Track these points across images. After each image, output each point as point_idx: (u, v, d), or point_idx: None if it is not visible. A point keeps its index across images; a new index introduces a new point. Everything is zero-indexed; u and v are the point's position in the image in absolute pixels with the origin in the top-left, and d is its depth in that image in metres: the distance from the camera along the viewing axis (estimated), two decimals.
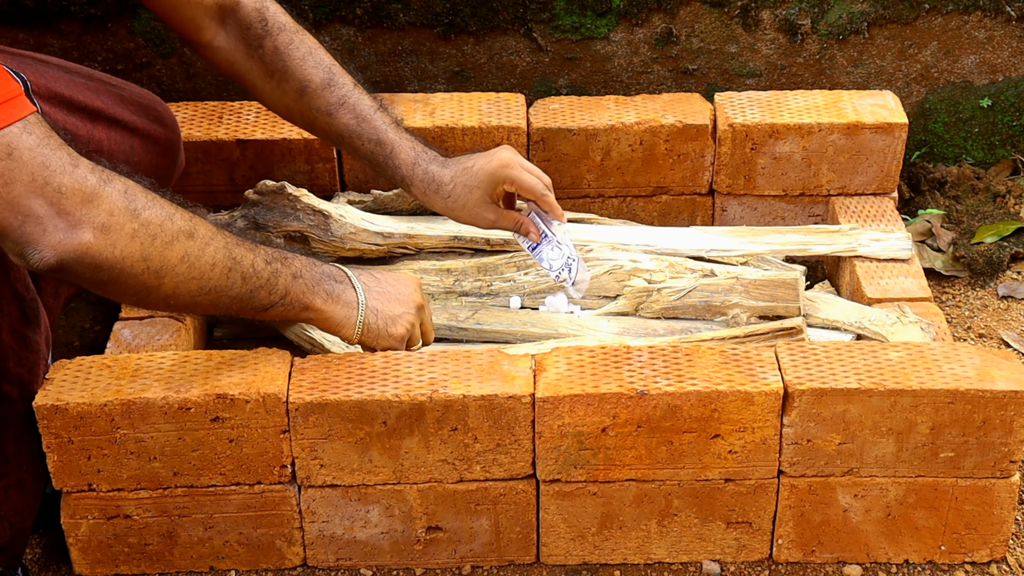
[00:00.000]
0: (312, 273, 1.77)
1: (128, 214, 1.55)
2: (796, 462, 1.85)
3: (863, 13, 2.58)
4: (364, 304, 1.81)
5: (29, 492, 1.83)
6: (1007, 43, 2.62)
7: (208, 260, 1.63)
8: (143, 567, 1.92)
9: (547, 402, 1.79)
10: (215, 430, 1.80)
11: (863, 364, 1.83)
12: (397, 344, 1.85)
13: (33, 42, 2.55)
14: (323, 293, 1.78)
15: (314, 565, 1.94)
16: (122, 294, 1.63)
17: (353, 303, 1.80)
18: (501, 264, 2.22)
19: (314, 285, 1.77)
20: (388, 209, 2.29)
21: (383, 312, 1.83)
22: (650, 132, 2.32)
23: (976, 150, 2.73)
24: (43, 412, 1.77)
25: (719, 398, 1.79)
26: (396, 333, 1.84)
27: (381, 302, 1.83)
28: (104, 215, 1.53)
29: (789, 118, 2.32)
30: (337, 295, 1.79)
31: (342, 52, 2.59)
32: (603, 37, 2.60)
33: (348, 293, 1.80)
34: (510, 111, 2.34)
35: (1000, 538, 1.92)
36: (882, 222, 2.31)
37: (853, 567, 1.94)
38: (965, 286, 2.50)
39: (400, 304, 1.85)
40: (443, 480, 1.86)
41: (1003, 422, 1.81)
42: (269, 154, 2.31)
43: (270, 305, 1.73)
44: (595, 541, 1.92)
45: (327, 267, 1.81)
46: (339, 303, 1.79)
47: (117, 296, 1.65)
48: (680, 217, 2.41)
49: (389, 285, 1.86)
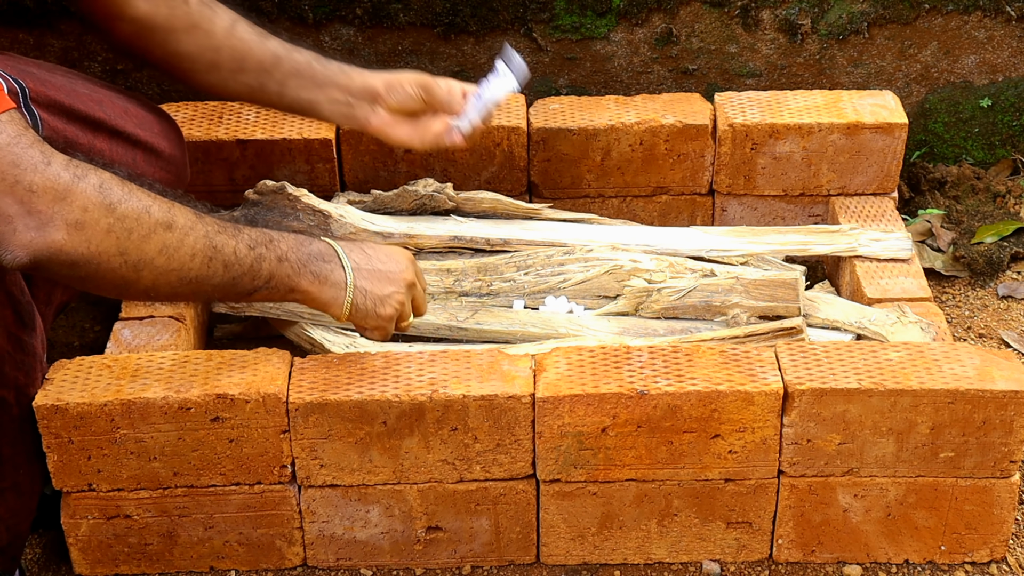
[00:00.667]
0: (299, 255, 1.74)
1: (103, 209, 1.53)
2: (796, 462, 1.85)
3: (863, 13, 2.58)
4: (352, 285, 1.78)
5: (25, 495, 1.83)
6: (1007, 43, 2.62)
7: (187, 251, 1.61)
8: (143, 567, 1.92)
9: (547, 402, 1.79)
10: (215, 430, 1.80)
11: (863, 364, 1.83)
12: (386, 324, 1.83)
13: (33, 42, 2.55)
14: (310, 275, 1.75)
15: (314, 565, 1.94)
16: (101, 288, 1.62)
17: (341, 283, 1.77)
18: (501, 264, 2.22)
19: (300, 267, 1.74)
20: (388, 209, 2.29)
21: (372, 292, 1.80)
22: (650, 132, 2.32)
23: (976, 150, 2.73)
24: (43, 412, 1.77)
25: (719, 398, 1.79)
26: (384, 313, 1.82)
27: (370, 282, 1.80)
28: (78, 212, 1.51)
29: (789, 118, 2.32)
30: (324, 276, 1.76)
31: (342, 52, 2.59)
32: (603, 37, 2.60)
33: (336, 273, 1.77)
34: (510, 111, 2.34)
35: (1000, 538, 1.92)
36: (882, 222, 2.31)
37: (853, 567, 1.94)
38: (965, 286, 2.50)
39: (390, 283, 1.83)
40: (443, 480, 1.86)
41: (1003, 422, 1.81)
42: (269, 154, 2.31)
43: (254, 290, 1.70)
44: (595, 541, 1.92)
45: (316, 245, 1.77)
46: (327, 284, 1.76)
47: (96, 290, 1.64)
48: (680, 217, 2.41)
49: (380, 262, 1.82)
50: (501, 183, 2.36)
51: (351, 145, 2.32)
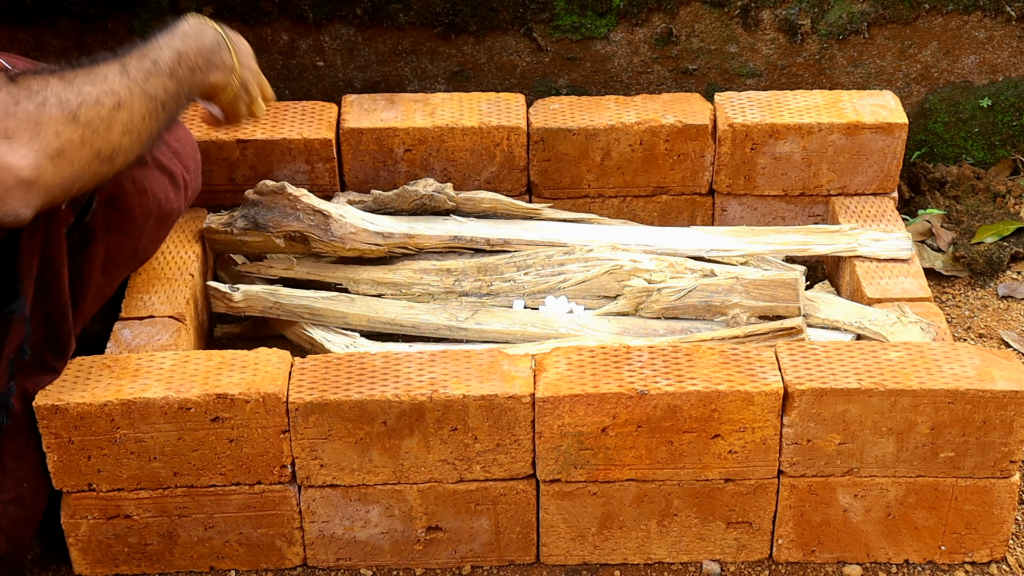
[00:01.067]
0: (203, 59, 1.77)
1: (70, 124, 1.56)
2: (796, 462, 1.85)
3: (863, 13, 2.58)
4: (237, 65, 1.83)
5: (28, 508, 1.83)
6: (1007, 43, 2.62)
7: (139, 117, 1.64)
8: (143, 567, 1.92)
9: (547, 402, 1.79)
10: (215, 430, 1.80)
11: (863, 364, 1.83)
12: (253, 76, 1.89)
13: (33, 41, 2.55)
14: (214, 68, 1.79)
15: (314, 565, 1.94)
16: (86, 189, 1.65)
17: (230, 66, 1.82)
18: (501, 264, 2.22)
19: (207, 65, 1.77)
20: (388, 209, 2.29)
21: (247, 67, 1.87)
22: (650, 132, 2.32)
23: (976, 150, 2.73)
24: (43, 412, 1.77)
25: (719, 398, 1.79)
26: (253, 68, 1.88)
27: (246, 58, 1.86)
28: (52, 138, 1.54)
29: (789, 118, 2.32)
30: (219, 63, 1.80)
31: (342, 52, 2.60)
32: (603, 37, 2.60)
33: (225, 56, 1.81)
34: (510, 111, 2.34)
35: (1000, 538, 1.92)
36: (882, 222, 2.31)
37: (853, 567, 1.94)
38: (965, 286, 2.50)
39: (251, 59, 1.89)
40: (443, 480, 1.86)
41: (1003, 422, 1.81)
42: (269, 154, 2.31)
43: (186, 105, 1.75)
44: (595, 541, 1.92)
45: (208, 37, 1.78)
46: (220, 70, 1.80)
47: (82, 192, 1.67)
48: (680, 217, 2.41)
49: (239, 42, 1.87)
50: (501, 183, 2.36)
51: (351, 145, 2.32)
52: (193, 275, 2.14)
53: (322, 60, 2.61)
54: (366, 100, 2.37)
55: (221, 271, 2.30)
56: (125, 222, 1.93)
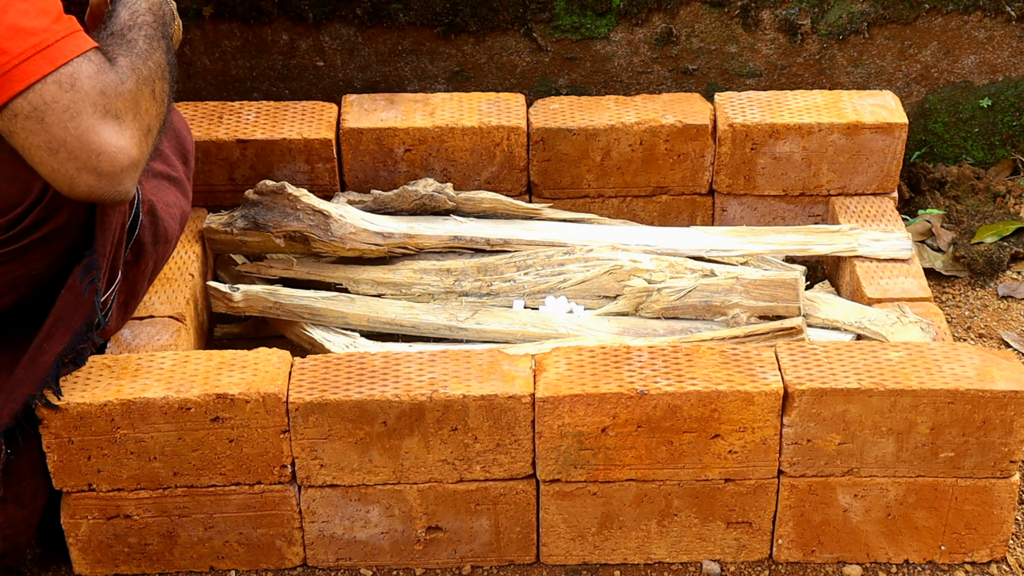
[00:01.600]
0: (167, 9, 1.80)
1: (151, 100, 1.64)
2: (796, 462, 1.85)
3: (863, 13, 2.58)
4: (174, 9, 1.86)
5: (26, 507, 1.83)
6: (1007, 43, 2.62)
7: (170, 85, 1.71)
8: (143, 567, 1.92)
9: (547, 402, 1.79)
10: (215, 430, 1.80)
11: (863, 364, 1.83)
12: None
13: None
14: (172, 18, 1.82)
15: (314, 565, 1.94)
16: None
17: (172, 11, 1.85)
18: (501, 264, 2.22)
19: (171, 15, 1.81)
20: (388, 209, 2.29)
21: None
22: (650, 132, 2.32)
23: (976, 150, 2.73)
24: (43, 412, 1.77)
25: (719, 398, 1.79)
26: None
27: None
28: (144, 115, 1.62)
29: (789, 118, 2.32)
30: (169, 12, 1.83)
31: (342, 52, 2.60)
32: (603, 37, 2.60)
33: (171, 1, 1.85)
34: (510, 111, 2.34)
35: (1000, 538, 1.92)
36: (882, 222, 2.31)
37: (853, 567, 1.94)
38: (965, 286, 2.50)
39: None
40: (443, 480, 1.86)
41: (1003, 422, 1.81)
42: (269, 154, 2.31)
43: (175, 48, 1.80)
44: (595, 541, 1.92)
45: None
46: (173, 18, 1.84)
47: None
48: (680, 217, 2.41)
49: None
50: (501, 183, 2.36)
51: (351, 145, 2.32)
52: (193, 275, 2.14)
53: (322, 60, 2.62)
54: (366, 100, 2.37)
55: (221, 271, 2.30)
56: (166, 231, 1.95)
